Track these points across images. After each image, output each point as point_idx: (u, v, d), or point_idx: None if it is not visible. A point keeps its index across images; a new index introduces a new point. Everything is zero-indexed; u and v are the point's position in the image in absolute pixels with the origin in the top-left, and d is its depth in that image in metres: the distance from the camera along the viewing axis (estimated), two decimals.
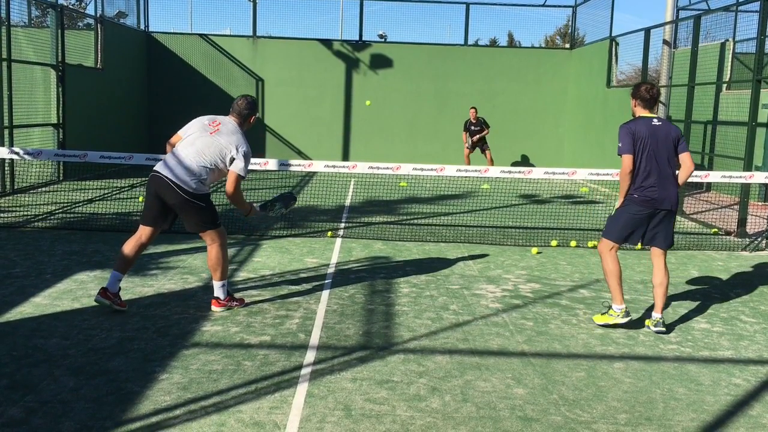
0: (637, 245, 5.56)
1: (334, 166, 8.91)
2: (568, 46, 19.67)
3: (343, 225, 9.41)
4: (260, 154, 17.24)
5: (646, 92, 5.34)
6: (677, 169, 5.38)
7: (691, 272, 7.38)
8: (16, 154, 8.80)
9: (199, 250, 7.50)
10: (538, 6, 19.27)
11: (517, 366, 4.57)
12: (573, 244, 8.60)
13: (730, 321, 5.74)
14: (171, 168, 5.22)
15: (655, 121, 5.31)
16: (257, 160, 8.78)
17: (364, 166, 8.60)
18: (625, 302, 5.41)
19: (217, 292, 5.49)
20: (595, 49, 16.46)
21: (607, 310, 5.40)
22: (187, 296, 5.86)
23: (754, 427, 3.84)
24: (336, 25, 19.77)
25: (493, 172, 8.68)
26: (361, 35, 17.91)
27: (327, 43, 17.89)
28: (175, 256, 7.16)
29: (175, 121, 6.84)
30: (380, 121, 18.01)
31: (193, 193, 5.21)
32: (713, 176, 9.37)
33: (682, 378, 4.48)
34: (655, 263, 5.41)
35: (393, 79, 17.92)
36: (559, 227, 9.67)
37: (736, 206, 9.99)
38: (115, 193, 11.94)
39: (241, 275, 6.65)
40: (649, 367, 4.64)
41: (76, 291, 5.89)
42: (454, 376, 4.36)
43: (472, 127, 16.23)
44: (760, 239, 8.89)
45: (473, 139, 16.21)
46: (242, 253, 7.54)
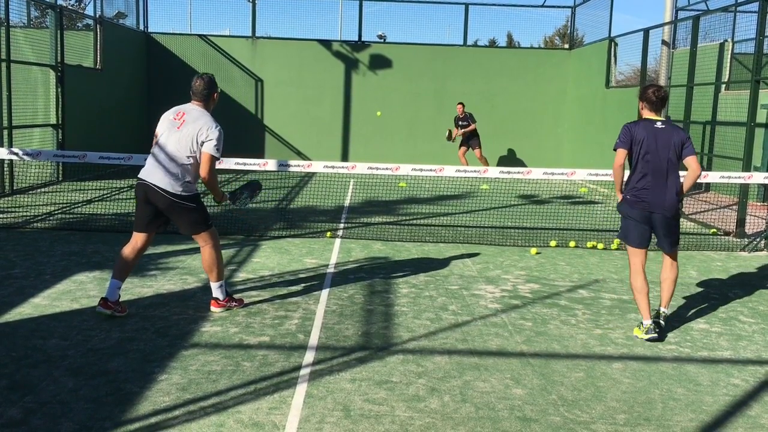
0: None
1: (333, 167, 8.91)
2: (567, 46, 19.68)
3: (342, 225, 9.42)
4: (260, 154, 17.25)
5: (652, 95, 5.30)
6: (681, 175, 5.31)
7: (690, 273, 7.39)
8: (16, 154, 8.80)
9: (198, 251, 7.48)
10: (537, 6, 19.31)
11: (516, 366, 4.57)
12: (572, 244, 8.60)
13: (729, 321, 5.74)
14: (154, 173, 5.20)
15: (659, 124, 5.27)
16: (256, 161, 8.78)
17: (364, 167, 8.60)
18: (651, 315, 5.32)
19: (216, 292, 5.49)
20: (594, 50, 16.47)
21: (639, 325, 5.35)
22: (186, 297, 5.86)
23: (753, 428, 3.85)
24: (335, 26, 19.79)
25: (493, 172, 8.68)
26: (360, 36, 17.91)
27: (326, 44, 17.89)
28: (174, 257, 7.16)
29: None
30: (379, 121, 18.00)
31: (181, 195, 5.19)
32: (712, 176, 9.39)
33: (680, 378, 4.49)
34: (665, 260, 5.49)
35: (392, 80, 17.92)
36: (558, 228, 9.67)
37: (735, 206, 10.00)
38: (114, 193, 11.94)
39: (240, 276, 6.65)
40: (647, 368, 4.65)
41: (75, 292, 5.89)
42: (453, 376, 4.36)
43: (460, 122, 16.31)
44: (758, 240, 8.89)
45: (460, 132, 16.19)
46: (241, 254, 7.54)
